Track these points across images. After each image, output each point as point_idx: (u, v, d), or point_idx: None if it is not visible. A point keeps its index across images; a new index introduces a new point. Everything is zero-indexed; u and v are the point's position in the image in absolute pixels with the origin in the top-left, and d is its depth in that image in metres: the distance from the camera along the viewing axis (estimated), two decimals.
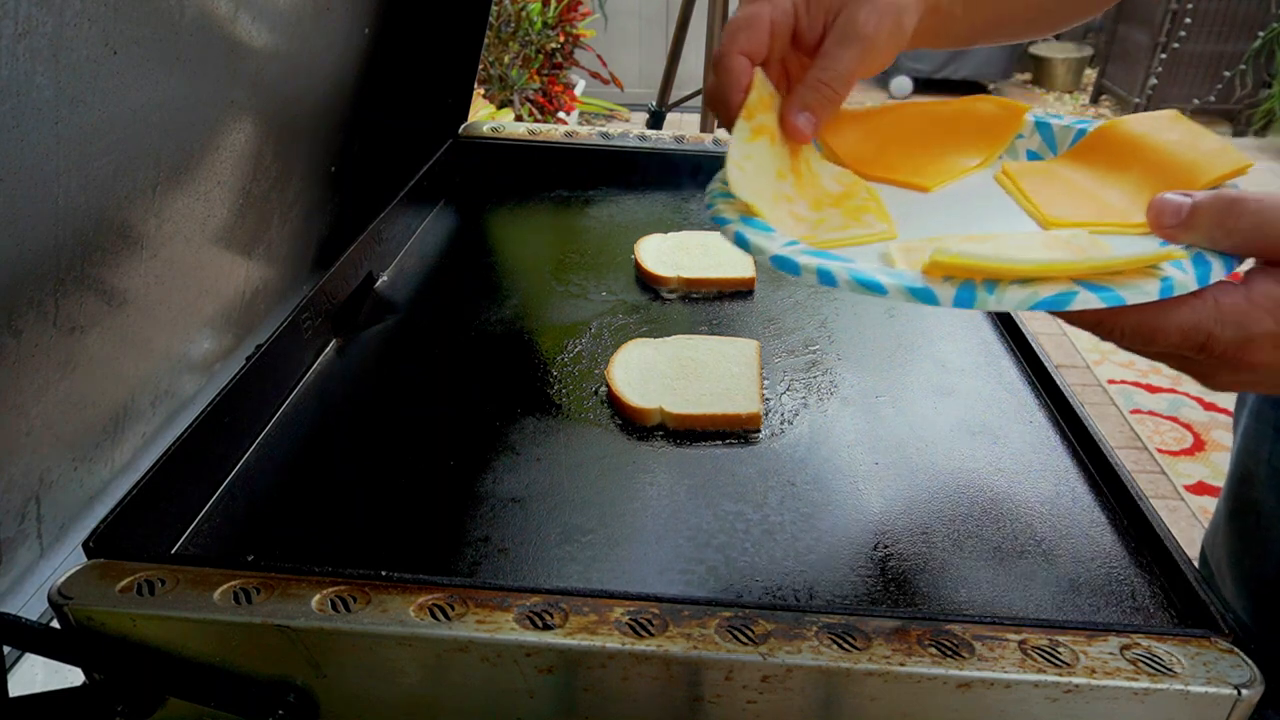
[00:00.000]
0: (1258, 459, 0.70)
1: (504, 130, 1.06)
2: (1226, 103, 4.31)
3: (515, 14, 3.08)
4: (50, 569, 0.57)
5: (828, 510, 0.56)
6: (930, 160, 0.54)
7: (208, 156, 0.65)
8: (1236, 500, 0.73)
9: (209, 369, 0.74)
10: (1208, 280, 0.37)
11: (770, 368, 0.70)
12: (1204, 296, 0.37)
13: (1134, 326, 0.38)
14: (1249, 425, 0.73)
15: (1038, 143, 0.55)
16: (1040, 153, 0.55)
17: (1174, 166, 0.46)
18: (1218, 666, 0.41)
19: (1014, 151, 0.55)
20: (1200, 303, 0.37)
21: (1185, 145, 0.47)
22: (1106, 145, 0.50)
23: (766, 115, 0.49)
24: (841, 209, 0.50)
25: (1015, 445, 0.62)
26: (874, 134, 0.55)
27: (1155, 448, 2.21)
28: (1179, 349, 0.38)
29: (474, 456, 0.60)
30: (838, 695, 0.41)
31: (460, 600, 0.43)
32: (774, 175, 0.49)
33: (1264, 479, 0.70)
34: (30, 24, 0.42)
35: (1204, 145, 0.46)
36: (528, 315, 0.79)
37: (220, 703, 0.44)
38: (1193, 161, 0.45)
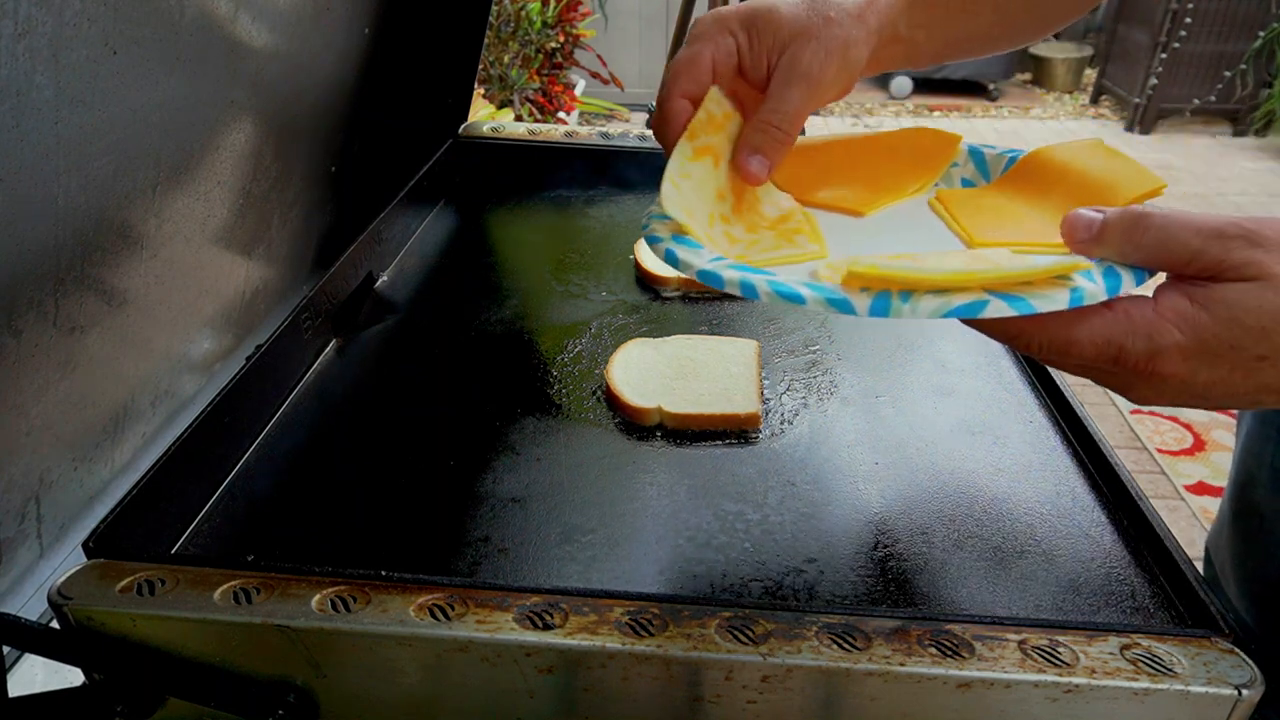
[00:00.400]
0: (1260, 461, 0.70)
1: (504, 130, 1.06)
2: (1226, 103, 4.31)
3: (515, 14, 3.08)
4: (50, 569, 0.57)
5: (828, 510, 0.56)
6: (866, 187, 0.55)
7: (208, 156, 0.65)
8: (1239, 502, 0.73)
9: (209, 369, 0.74)
10: (1117, 291, 0.38)
11: (770, 368, 0.70)
12: (1115, 309, 0.38)
13: (1050, 338, 0.39)
14: (1252, 427, 0.73)
15: (971, 170, 0.57)
16: (974, 180, 0.56)
17: (1094, 188, 0.48)
18: (1218, 667, 0.40)
19: (949, 179, 0.57)
20: (1112, 315, 0.38)
21: (1105, 169, 0.49)
22: (1033, 171, 0.53)
23: (715, 136, 0.50)
24: (775, 231, 0.51)
25: (1015, 445, 0.62)
26: (813, 162, 0.57)
27: (1155, 448, 2.21)
28: (1095, 361, 0.39)
29: (474, 456, 0.60)
30: (838, 695, 0.41)
31: (460, 600, 0.43)
32: (713, 196, 0.50)
33: (1266, 482, 0.70)
34: (30, 24, 0.42)
35: (1121, 168, 0.48)
36: (528, 315, 0.79)
37: (220, 703, 0.44)
38: (1111, 183, 0.47)
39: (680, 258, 0.44)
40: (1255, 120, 4.31)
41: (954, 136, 0.57)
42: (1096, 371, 0.40)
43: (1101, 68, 4.87)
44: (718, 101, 0.50)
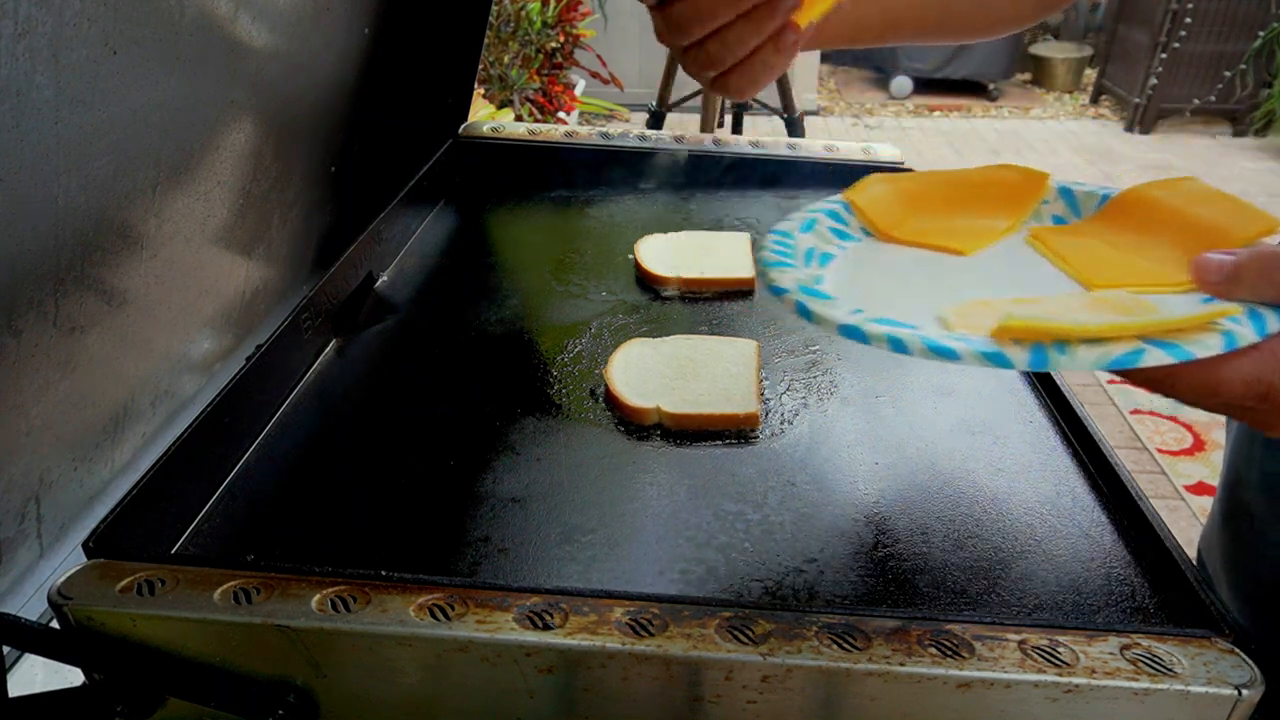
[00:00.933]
0: (1249, 463, 0.70)
1: (504, 130, 1.06)
2: (1226, 103, 4.31)
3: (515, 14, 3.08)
4: (50, 569, 0.57)
5: (828, 510, 0.56)
6: (961, 225, 0.57)
7: (208, 156, 0.65)
8: (1230, 504, 0.74)
9: (209, 369, 0.74)
10: (1265, 332, 0.40)
11: (770, 368, 0.70)
12: (1262, 349, 0.39)
13: (1199, 381, 0.40)
14: (1241, 428, 0.73)
15: (1061, 207, 0.58)
16: (1064, 217, 0.58)
17: (1204, 227, 0.49)
18: (1218, 667, 0.41)
19: (1039, 216, 0.58)
20: (1259, 355, 0.39)
21: (1209, 207, 0.50)
22: (1131, 210, 0.54)
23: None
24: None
25: (1015, 445, 0.62)
26: (903, 198, 0.59)
27: (1155, 448, 2.21)
28: (1242, 400, 0.40)
29: (474, 456, 0.60)
30: (838, 695, 0.41)
31: (460, 600, 0.43)
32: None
33: (1255, 483, 0.70)
34: (30, 24, 0.42)
35: (1228, 207, 0.50)
36: (528, 315, 0.79)
37: (220, 703, 0.44)
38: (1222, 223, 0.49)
39: (814, 311, 0.45)
40: (1255, 120, 4.31)
41: (1043, 175, 0.59)
42: (1241, 410, 0.41)
43: (1101, 68, 4.87)
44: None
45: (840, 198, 0.60)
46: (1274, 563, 0.68)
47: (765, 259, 0.52)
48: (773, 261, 0.52)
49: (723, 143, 1.05)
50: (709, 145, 1.05)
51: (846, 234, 0.59)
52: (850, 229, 0.59)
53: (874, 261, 0.56)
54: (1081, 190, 0.58)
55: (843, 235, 0.59)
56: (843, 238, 0.59)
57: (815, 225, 0.58)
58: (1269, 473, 0.68)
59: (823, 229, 0.58)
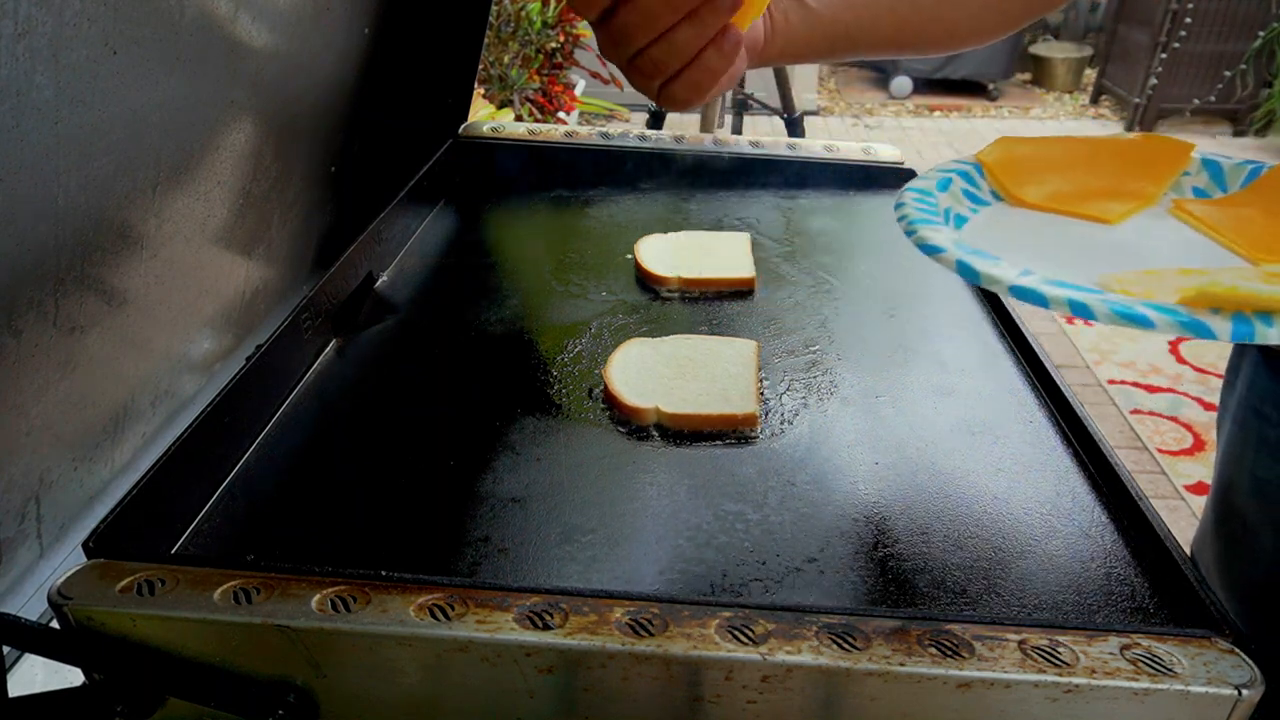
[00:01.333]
0: (1240, 467, 0.70)
1: (504, 130, 1.06)
2: (1226, 103, 4.31)
3: (515, 14, 3.08)
4: (50, 569, 0.57)
5: (828, 510, 0.56)
6: (1096, 192, 0.55)
7: (208, 156, 0.65)
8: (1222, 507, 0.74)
9: (209, 369, 0.74)
10: None
11: (770, 368, 0.70)
12: None
13: None
14: (1232, 433, 0.73)
15: (1205, 180, 0.56)
16: (1207, 190, 0.55)
17: None
18: (1218, 666, 0.41)
19: (1179, 188, 0.56)
20: None
21: None
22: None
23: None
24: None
25: (1015, 445, 0.62)
26: (1035, 162, 0.56)
27: (1155, 448, 2.21)
28: None
29: (474, 456, 0.60)
30: (838, 695, 0.41)
31: (460, 600, 0.43)
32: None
33: (1246, 488, 0.70)
34: (30, 24, 0.42)
35: None
36: (528, 315, 0.79)
37: (220, 703, 0.44)
38: None
39: (981, 270, 0.43)
40: (1255, 120, 4.31)
41: (1187, 145, 0.56)
42: None
43: (1101, 68, 4.87)
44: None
45: (972, 158, 0.58)
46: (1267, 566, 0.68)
47: (909, 216, 0.50)
48: (918, 219, 0.49)
49: (723, 143, 1.05)
50: (709, 145, 1.05)
51: (978, 197, 0.56)
52: (981, 192, 0.57)
53: (1011, 226, 0.53)
54: (1228, 164, 0.55)
55: (974, 198, 0.56)
56: (974, 200, 0.56)
57: (950, 185, 0.56)
58: (1260, 478, 0.68)
59: (956, 190, 0.56)
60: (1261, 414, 0.69)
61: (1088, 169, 0.56)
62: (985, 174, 0.57)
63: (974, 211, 0.55)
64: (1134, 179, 0.56)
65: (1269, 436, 0.68)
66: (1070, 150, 0.58)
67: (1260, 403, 0.69)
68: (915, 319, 0.78)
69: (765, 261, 0.88)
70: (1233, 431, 0.73)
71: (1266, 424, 0.68)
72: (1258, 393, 0.69)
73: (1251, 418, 0.70)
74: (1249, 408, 0.71)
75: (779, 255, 0.90)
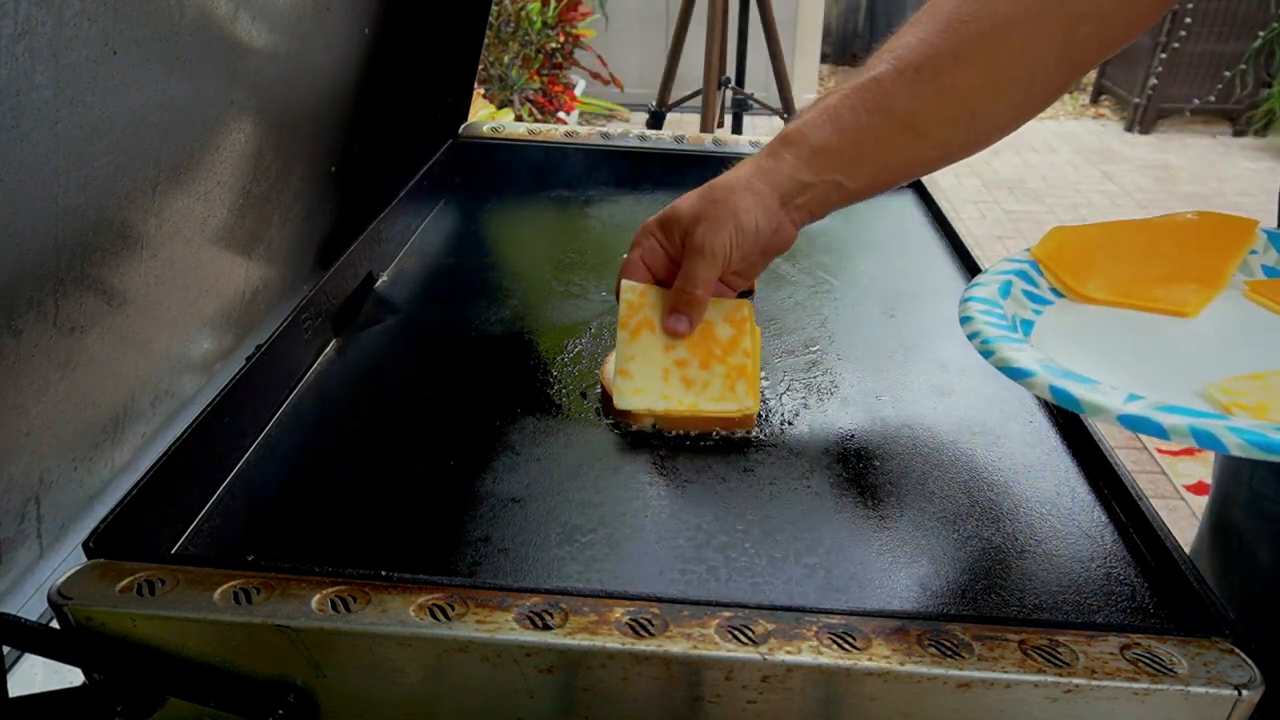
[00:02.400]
0: (1238, 480, 0.70)
1: (504, 130, 1.06)
2: (1226, 103, 4.31)
3: (515, 14, 3.08)
4: (50, 569, 0.57)
5: (828, 510, 0.56)
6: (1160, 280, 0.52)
7: (208, 156, 0.65)
8: (1218, 519, 0.74)
9: (209, 369, 0.74)
10: None
11: (770, 368, 0.70)
12: None
13: None
14: None
15: (1274, 258, 0.54)
16: (1277, 268, 0.53)
17: None
18: (1218, 666, 0.40)
19: (1248, 269, 0.54)
20: None
21: None
22: None
23: (642, 313, 0.62)
24: (725, 368, 0.62)
25: (1015, 445, 0.62)
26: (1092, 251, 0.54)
27: (1155, 448, 2.21)
28: None
29: (474, 456, 0.60)
30: (838, 695, 0.41)
31: (460, 600, 0.43)
32: (662, 350, 0.62)
33: (1243, 501, 0.69)
34: (30, 24, 0.42)
35: None
36: (528, 315, 0.79)
37: (220, 703, 0.44)
38: None
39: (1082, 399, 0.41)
40: (1255, 120, 4.30)
41: (1250, 222, 0.54)
42: None
43: (1101, 67, 4.86)
44: (630, 289, 0.62)
45: (1026, 255, 0.56)
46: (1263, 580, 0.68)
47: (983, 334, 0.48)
48: (994, 336, 0.47)
49: (722, 143, 1.05)
50: (709, 145, 1.05)
51: (1039, 296, 0.54)
52: (1041, 290, 0.55)
53: (1082, 328, 0.51)
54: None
55: (1035, 299, 0.54)
56: (1035, 300, 0.54)
57: (1011, 289, 0.54)
58: (1257, 491, 0.68)
59: (1018, 293, 0.54)
60: None
61: (1148, 255, 0.54)
62: (1042, 270, 0.55)
63: (1037, 313, 0.53)
64: (1198, 261, 0.53)
65: None
66: (1127, 236, 0.56)
67: None
68: (915, 319, 0.78)
69: None
70: None
71: None
72: None
73: None
74: None
75: (779, 255, 0.90)
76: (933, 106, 0.55)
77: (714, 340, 0.65)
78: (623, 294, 0.62)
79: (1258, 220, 0.55)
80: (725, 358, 0.64)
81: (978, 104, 0.56)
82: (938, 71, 0.54)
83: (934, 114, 0.56)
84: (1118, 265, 0.54)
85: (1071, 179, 3.91)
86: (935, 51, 0.54)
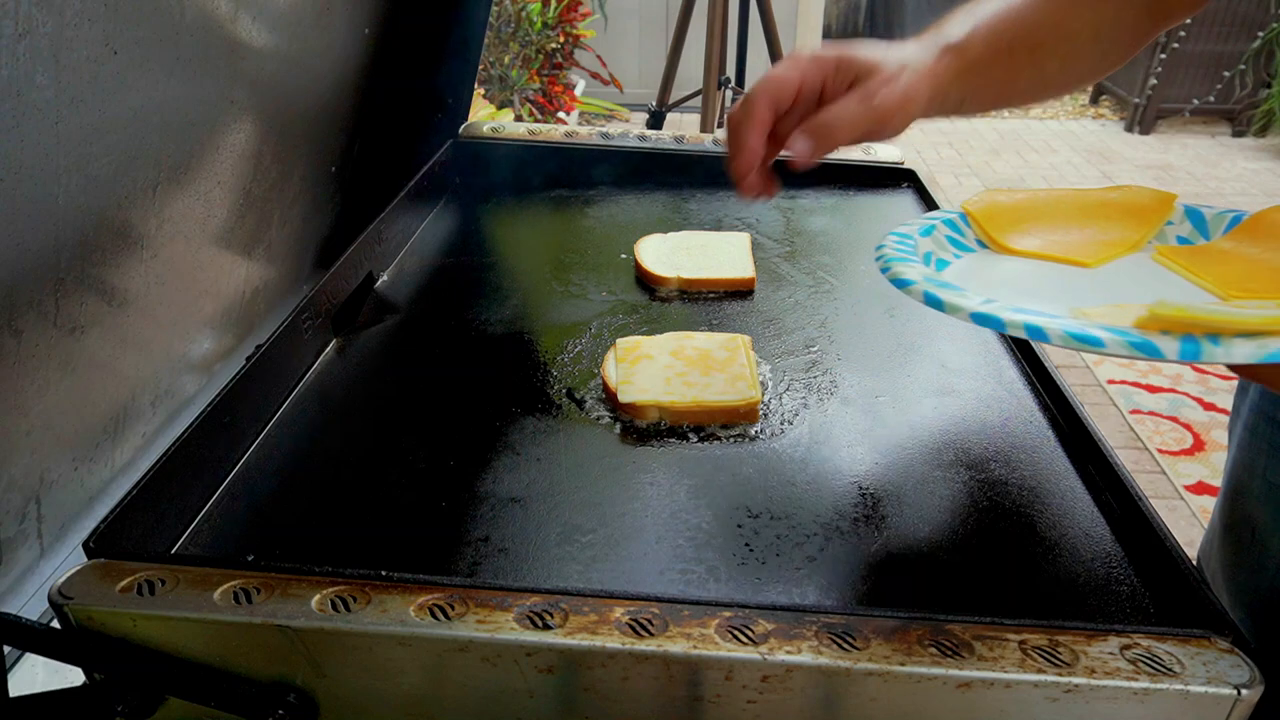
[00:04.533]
0: (1252, 473, 0.70)
1: (504, 130, 1.06)
2: (1226, 103, 4.31)
3: (515, 14, 3.08)
4: (50, 569, 0.57)
5: (828, 510, 0.56)
6: (1080, 240, 0.57)
7: (208, 156, 0.65)
8: (1231, 514, 0.73)
9: (209, 369, 0.74)
10: None
11: (771, 368, 0.70)
12: None
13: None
14: (1243, 439, 0.73)
15: (1188, 229, 0.58)
16: (1190, 238, 0.58)
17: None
18: (1218, 666, 0.41)
19: (1163, 237, 0.58)
20: None
21: None
22: (1265, 230, 0.54)
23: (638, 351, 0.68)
24: (725, 375, 0.64)
25: (1015, 445, 0.62)
26: (1020, 212, 0.59)
27: (1155, 448, 2.21)
28: None
29: (474, 456, 0.60)
30: (838, 695, 0.41)
31: (460, 600, 0.43)
32: (662, 368, 0.65)
33: (1259, 494, 0.69)
34: (30, 24, 0.42)
35: None
36: (528, 315, 0.79)
37: (220, 703, 0.44)
38: None
39: (946, 301, 0.46)
40: (1255, 120, 4.30)
41: (1169, 195, 0.59)
42: None
43: None
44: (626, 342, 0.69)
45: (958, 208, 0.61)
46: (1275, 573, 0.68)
47: (886, 255, 0.53)
48: (894, 257, 0.52)
49: (723, 143, 1.05)
50: (709, 145, 1.05)
51: (963, 244, 0.59)
52: (966, 239, 0.59)
53: (992, 270, 0.56)
54: (1211, 212, 0.57)
55: (959, 245, 0.59)
56: (959, 247, 0.59)
57: (934, 231, 0.58)
58: (1273, 483, 0.68)
59: (940, 236, 0.58)
60: (1274, 419, 0.68)
61: (1072, 219, 0.59)
62: (971, 223, 0.59)
63: (957, 257, 0.58)
64: (1118, 228, 0.58)
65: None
66: (1055, 202, 0.60)
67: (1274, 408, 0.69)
68: (915, 319, 0.78)
69: (765, 261, 0.88)
70: (1244, 437, 0.72)
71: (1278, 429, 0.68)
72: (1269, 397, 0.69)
73: (1264, 424, 0.70)
74: (1261, 413, 0.70)
75: (779, 255, 0.90)
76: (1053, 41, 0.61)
77: (712, 360, 0.68)
78: (620, 343, 0.69)
79: (1175, 195, 0.59)
80: (724, 368, 0.66)
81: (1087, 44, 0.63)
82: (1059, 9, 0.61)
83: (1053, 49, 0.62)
84: (1042, 226, 0.58)
85: (1071, 179, 3.91)
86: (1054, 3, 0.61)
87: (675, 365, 0.67)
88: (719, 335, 0.71)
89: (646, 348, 0.69)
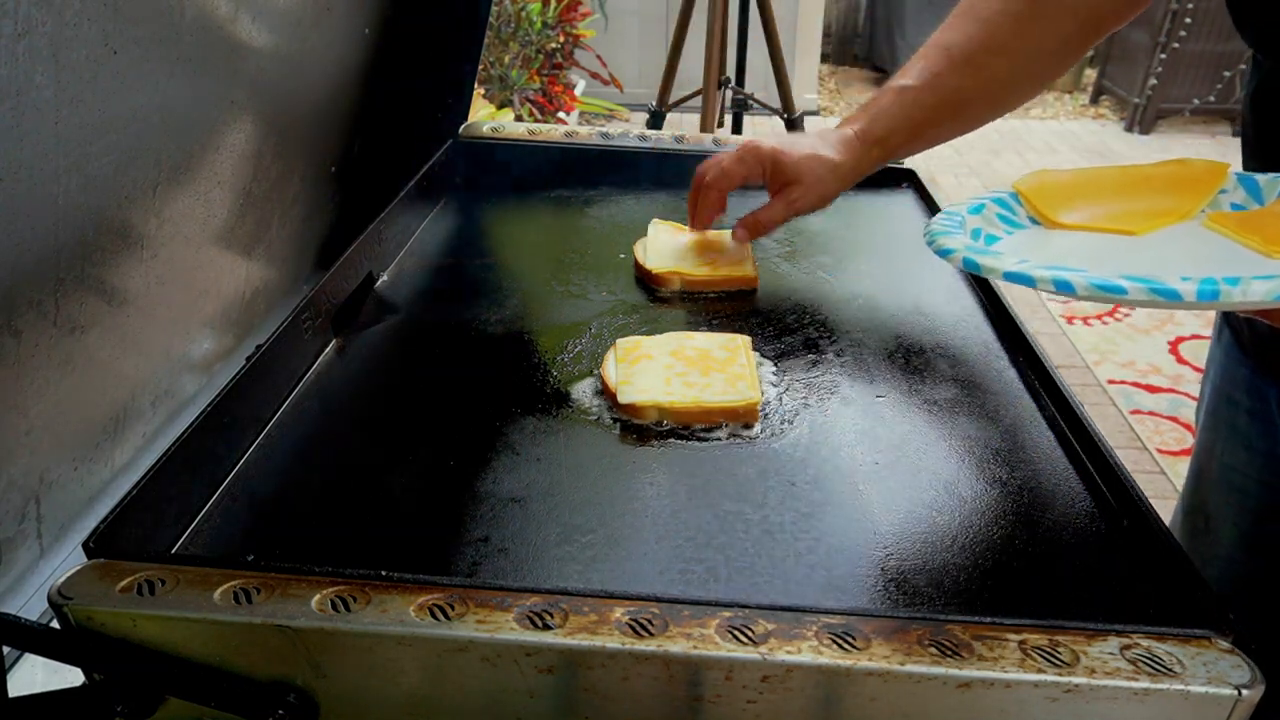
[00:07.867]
0: (1211, 455, 0.71)
1: (504, 130, 1.06)
2: (1226, 103, 4.30)
3: (515, 14, 3.08)
4: (50, 569, 0.57)
5: (828, 510, 0.56)
6: (1130, 210, 0.58)
7: (208, 156, 0.65)
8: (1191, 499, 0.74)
9: (209, 369, 0.74)
10: None
11: (771, 368, 0.70)
12: None
13: None
14: (1205, 422, 0.73)
15: (1242, 196, 0.58)
16: (1245, 205, 0.58)
17: None
18: (1218, 666, 0.41)
19: (1216, 204, 0.58)
20: None
21: None
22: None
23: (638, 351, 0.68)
24: (725, 375, 0.65)
25: (1016, 445, 0.62)
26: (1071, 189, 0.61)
27: (1155, 448, 2.21)
28: None
29: (474, 456, 0.60)
30: (838, 695, 0.41)
31: (460, 600, 0.43)
32: (663, 368, 0.66)
33: (1215, 476, 0.70)
34: (30, 24, 0.42)
35: None
36: (528, 315, 0.79)
37: (220, 703, 0.44)
38: None
39: (980, 262, 0.51)
40: None
41: (1223, 165, 0.59)
42: None
43: (1101, 68, 4.86)
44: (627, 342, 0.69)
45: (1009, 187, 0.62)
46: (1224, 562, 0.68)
47: (932, 230, 0.56)
48: (939, 231, 0.56)
49: (723, 143, 1.05)
50: (709, 145, 1.05)
51: (1014, 221, 0.61)
52: (1018, 217, 0.61)
53: (1043, 245, 0.57)
54: (1264, 178, 0.57)
55: (1010, 223, 0.61)
56: (1010, 224, 0.61)
57: (984, 210, 0.61)
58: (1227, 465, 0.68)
59: (990, 214, 0.61)
60: (1233, 400, 0.69)
61: (1123, 192, 0.59)
62: (1022, 201, 0.61)
63: (1008, 233, 0.59)
64: (1169, 199, 0.58)
65: (1239, 424, 0.68)
66: (1107, 177, 0.61)
67: (1232, 389, 0.69)
68: (915, 319, 0.78)
69: (765, 261, 0.88)
70: (1205, 422, 0.73)
71: (1237, 410, 0.68)
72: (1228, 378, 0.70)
73: (1223, 406, 0.70)
74: (1221, 396, 0.71)
75: (779, 255, 0.90)
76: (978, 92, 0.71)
77: (711, 360, 0.67)
78: (620, 343, 0.69)
79: (1229, 164, 0.59)
80: (724, 368, 0.66)
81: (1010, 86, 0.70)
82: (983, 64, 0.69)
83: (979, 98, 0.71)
84: (1093, 202, 0.59)
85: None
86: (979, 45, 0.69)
87: (675, 365, 0.67)
88: (719, 335, 0.71)
89: (646, 348, 0.69)
